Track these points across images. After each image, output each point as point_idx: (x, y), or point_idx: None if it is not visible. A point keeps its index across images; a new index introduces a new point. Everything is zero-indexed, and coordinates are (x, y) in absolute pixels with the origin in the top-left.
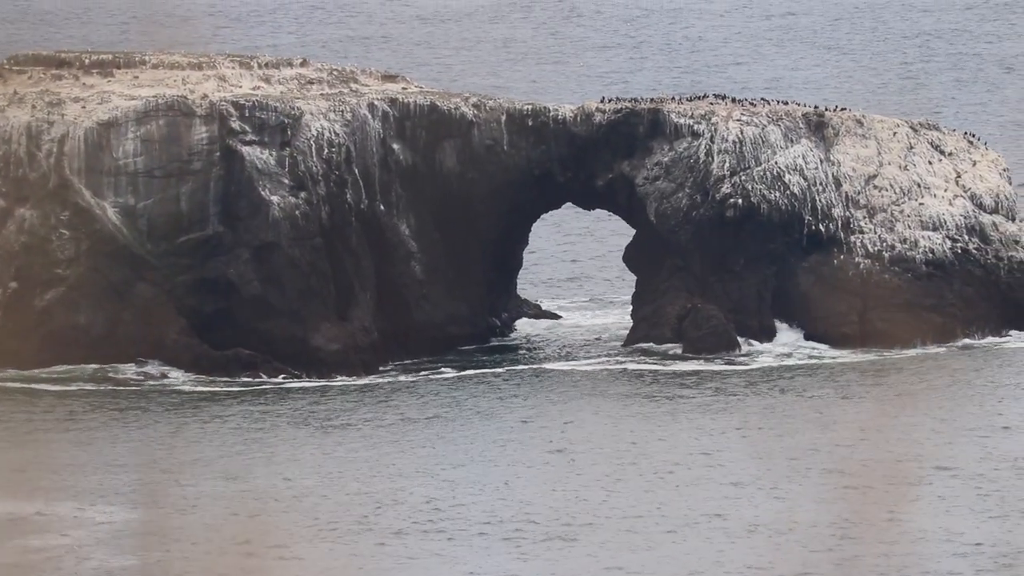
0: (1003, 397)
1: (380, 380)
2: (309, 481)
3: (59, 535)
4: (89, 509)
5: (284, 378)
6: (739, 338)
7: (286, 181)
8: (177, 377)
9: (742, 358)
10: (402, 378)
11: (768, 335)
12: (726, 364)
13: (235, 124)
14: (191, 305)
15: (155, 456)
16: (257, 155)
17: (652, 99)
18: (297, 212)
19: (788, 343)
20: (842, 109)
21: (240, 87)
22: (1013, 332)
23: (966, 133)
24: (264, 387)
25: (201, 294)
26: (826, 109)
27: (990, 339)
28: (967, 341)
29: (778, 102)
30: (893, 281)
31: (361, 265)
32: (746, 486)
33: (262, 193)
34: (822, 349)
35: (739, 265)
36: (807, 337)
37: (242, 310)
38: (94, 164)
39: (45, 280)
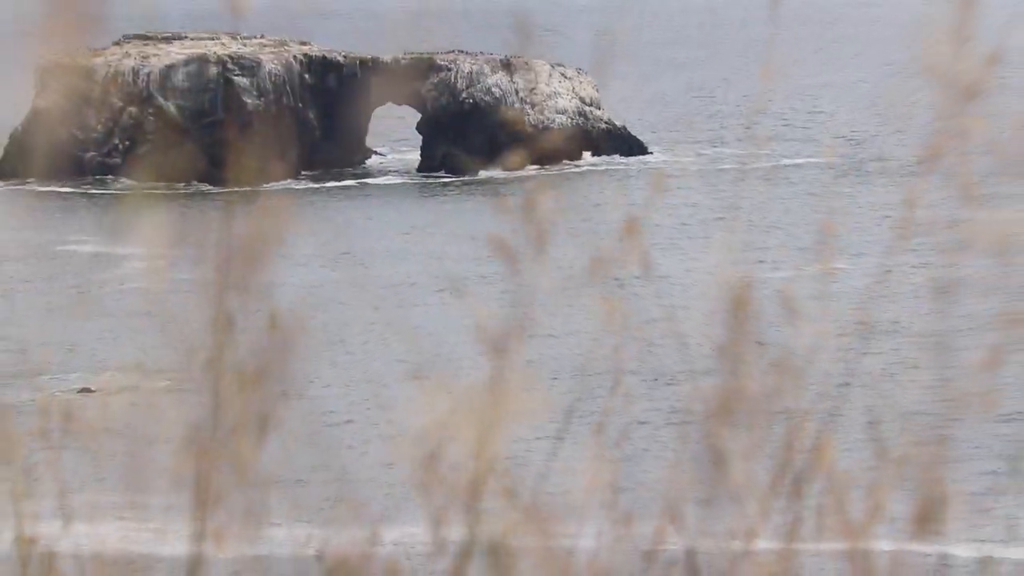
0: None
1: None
2: None
3: None
4: None
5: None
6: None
7: (255, 93)
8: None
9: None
10: (313, 185)
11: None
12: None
13: (230, 66)
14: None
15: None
16: (240, 81)
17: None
18: (260, 108)
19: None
20: (518, 57)
21: (232, 48)
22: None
23: (578, 69)
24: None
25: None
26: (509, 56)
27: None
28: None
29: (479, 53)
30: (546, 139)
31: (292, 134)
32: None
33: (243, 99)
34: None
35: (472, 129)
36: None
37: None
38: (165, 84)
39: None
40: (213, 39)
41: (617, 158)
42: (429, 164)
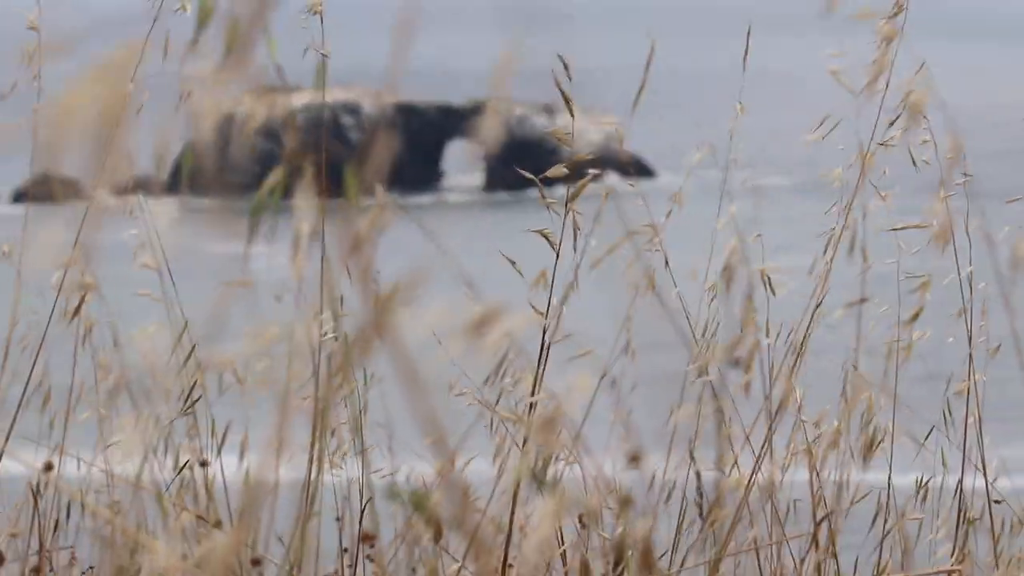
0: None
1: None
2: None
3: None
4: None
5: None
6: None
7: (357, 130)
8: None
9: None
10: (400, 200)
11: None
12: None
13: (338, 110)
14: None
15: None
16: (346, 120)
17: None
18: (360, 141)
19: None
20: (554, 104)
21: (340, 96)
22: None
23: (602, 110)
24: None
25: None
26: (548, 103)
27: None
28: None
29: (527, 101)
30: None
31: (384, 162)
32: None
33: (348, 135)
34: None
35: (522, 158)
36: None
37: None
38: (289, 124)
39: None
40: (326, 90)
41: (633, 180)
42: (490, 184)
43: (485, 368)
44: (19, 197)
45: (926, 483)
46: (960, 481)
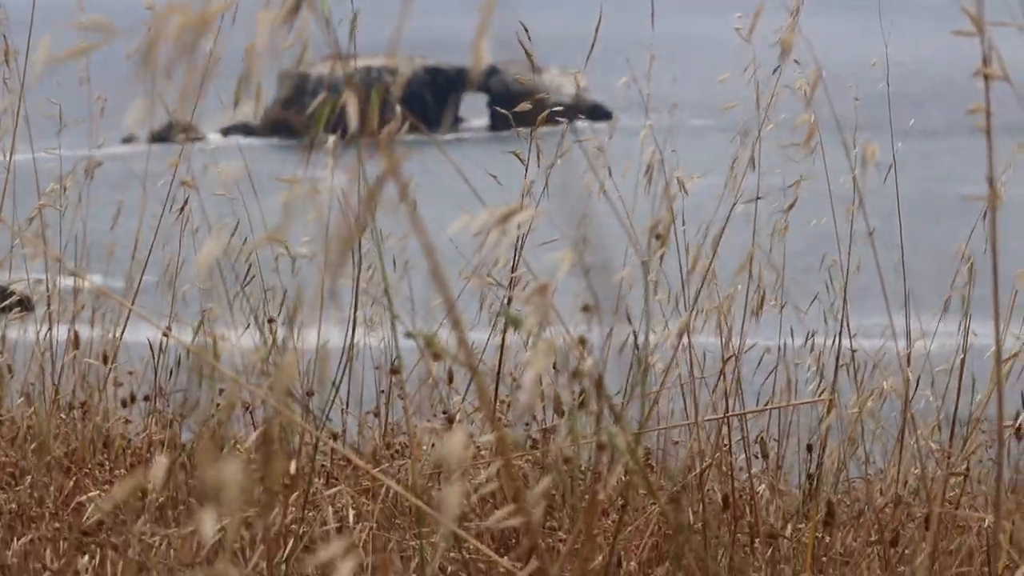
0: None
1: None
2: None
3: None
4: None
5: None
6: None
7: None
8: None
9: None
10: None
11: None
12: None
13: (381, 71)
14: None
15: None
16: (387, 79)
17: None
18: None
19: None
20: (541, 65)
21: (382, 61)
22: None
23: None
24: None
25: None
26: (538, 64)
27: None
28: None
29: (521, 60)
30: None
31: (416, 109)
32: None
33: (389, 89)
34: None
35: (517, 105)
36: None
37: None
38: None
39: None
40: (373, 57)
41: (597, 123)
42: (495, 126)
43: (489, 254)
44: (128, 139)
45: (813, 336)
46: (839, 337)
